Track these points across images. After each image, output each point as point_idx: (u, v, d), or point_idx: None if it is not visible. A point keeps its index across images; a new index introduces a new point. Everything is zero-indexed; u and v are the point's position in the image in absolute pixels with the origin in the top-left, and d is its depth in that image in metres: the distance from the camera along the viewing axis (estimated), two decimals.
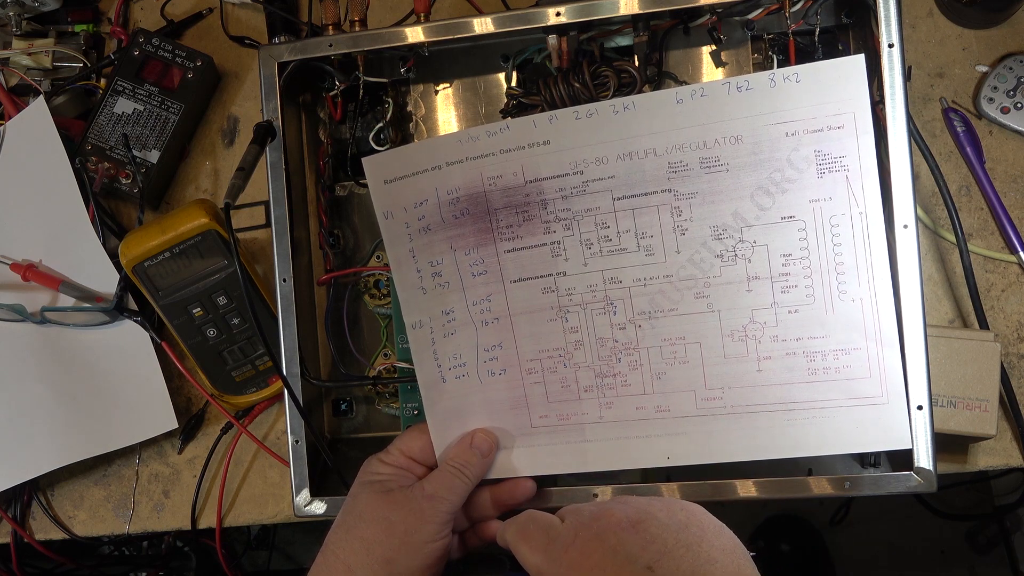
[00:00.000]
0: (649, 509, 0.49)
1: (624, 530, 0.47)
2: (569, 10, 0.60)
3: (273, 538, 1.54)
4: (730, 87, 0.54)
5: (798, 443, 0.56)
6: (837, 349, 0.55)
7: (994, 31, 0.72)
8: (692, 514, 0.49)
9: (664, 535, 0.47)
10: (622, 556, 0.46)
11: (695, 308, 0.57)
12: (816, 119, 0.54)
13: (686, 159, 0.56)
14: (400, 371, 0.69)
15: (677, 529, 0.47)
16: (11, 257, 0.79)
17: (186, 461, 0.79)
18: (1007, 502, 1.36)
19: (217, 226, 0.69)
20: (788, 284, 0.55)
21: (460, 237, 0.60)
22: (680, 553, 0.46)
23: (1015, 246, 0.68)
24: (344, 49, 0.64)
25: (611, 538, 0.47)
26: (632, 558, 0.46)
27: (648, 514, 0.48)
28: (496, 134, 0.58)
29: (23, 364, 0.78)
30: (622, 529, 0.47)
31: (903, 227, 0.55)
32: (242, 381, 0.75)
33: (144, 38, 0.81)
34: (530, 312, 0.59)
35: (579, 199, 0.58)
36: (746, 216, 0.55)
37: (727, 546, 0.47)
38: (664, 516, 0.48)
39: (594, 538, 0.48)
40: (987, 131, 0.71)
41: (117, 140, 0.80)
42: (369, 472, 0.60)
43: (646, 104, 0.56)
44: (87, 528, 0.80)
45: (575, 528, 0.49)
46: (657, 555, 0.46)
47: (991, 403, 0.61)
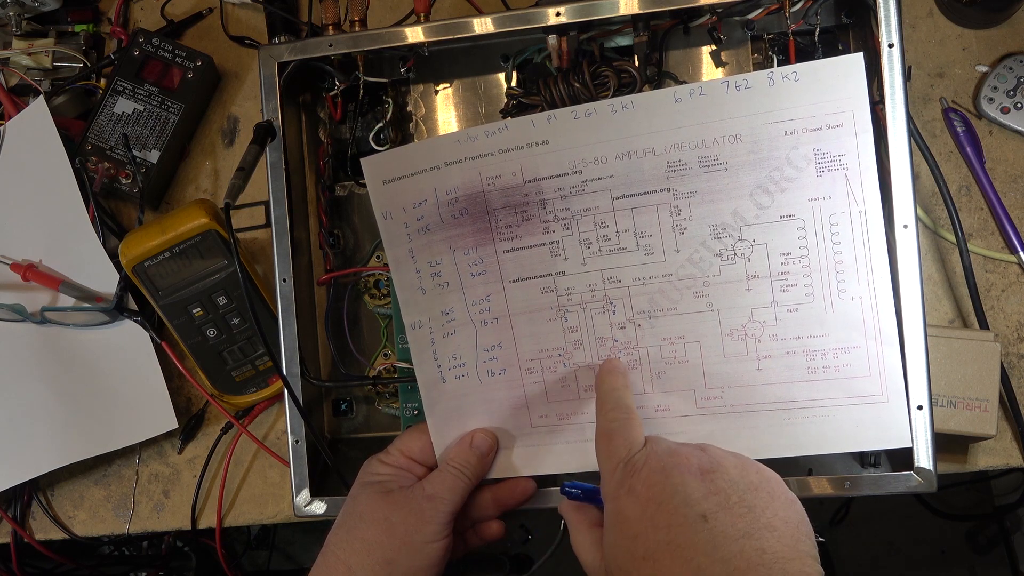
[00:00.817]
0: (723, 462, 0.49)
1: (692, 474, 0.47)
2: (569, 10, 0.60)
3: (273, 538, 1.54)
4: (728, 86, 0.54)
5: (798, 442, 0.56)
6: (837, 348, 0.55)
7: (994, 31, 0.72)
8: (765, 479, 0.49)
9: (729, 490, 0.47)
10: (680, 497, 0.46)
11: (694, 307, 0.57)
12: (815, 118, 0.54)
13: (685, 158, 0.56)
14: (400, 371, 0.69)
15: (745, 489, 0.47)
16: (11, 257, 0.79)
17: (186, 461, 0.79)
18: (1007, 502, 1.36)
19: (217, 226, 0.69)
20: (787, 283, 0.55)
21: (459, 237, 0.60)
22: (740, 512, 0.46)
23: (1015, 246, 0.68)
24: (344, 49, 0.64)
25: (676, 477, 0.47)
26: (690, 502, 0.46)
27: (721, 466, 0.48)
28: (495, 134, 0.58)
29: (23, 364, 0.78)
30: (690, 472, 0.47)
31: (903, 227, 0.55)
32: (242, 381, 0.75)
33: (144, 38, 0.81)
34: (529, 312, 0.59)
35: (578, 198, 0.58)
36: (745, 215, 0.55)
37: (791, 519, 0.47)
38: (735, 473, 0.48)
39: (660, 471, 0.48)
40: (987, 131, 0.71)
41: (117, 140, 0.80)
42: (369, 473, 0.60)
43: (645, 103, 0.56)
44: (87, 528, 0.80)
45: (648, 457, 0.49)
46: (716, 507, 0.46)
47: (991, 403, 0.61)
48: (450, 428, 0.61)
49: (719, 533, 0.44)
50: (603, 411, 0.54)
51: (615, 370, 0.56)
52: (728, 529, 0.45)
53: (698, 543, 0.44)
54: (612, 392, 0.55)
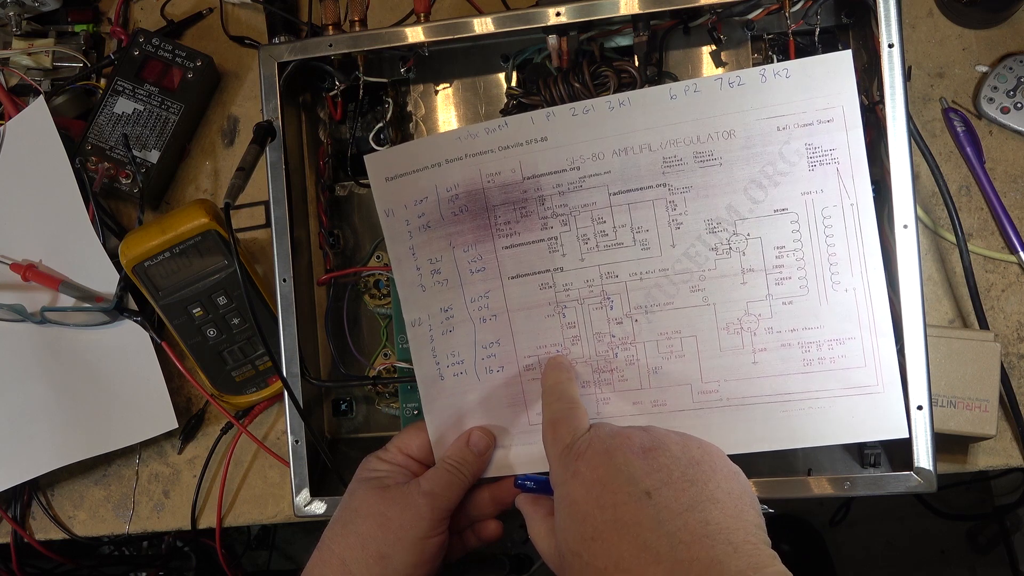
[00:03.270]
0: (665, 440, 0.49)
1: (634, 453, 0.48)
2: (569, 10, 0.60)
3: (273, 538, 1.54)
4: (722, 83, 0.55)
5: (795, 434, 0.56)
6: (832, 339, 0.55)
7: (994, 31, 0.72)
8: (707, 453, 0.50)
9: (671, 466, 0.48)
10: (624, 476, 0.47)
11: (691, 301, 0.57)
12: (806, 113, 0.54)
13: (680, 154, 0.56)
14: (400, 371, 0.69)
15: (687, 464, 0.48)
16: (11, 257, 0.79)
17: (186, 461, 0.79)
18: (1007, 502, 1.36)
19: (217, 226, 0.69)
20: (782, 276, 0.56)
21: (459, 234, 0.60)
22: (683, 486, 0.47)
23: (1015, 246, 0.68)
24: (344, 49, 0.64)
25: (619, 457, 0.48)
26: (633, 480, 0.47)
27: (662, 444, 0.49)
28: (494, 131, 0.58)
29: (23, 364, 0.78)
30: (632, 452, 0.48)
31: (903, 227, 0.55)
32: (242, 381, 0.75)
33: (144, 38, 0.81)
34: (528, 308, 0.60)
35: (576, 195, 0.58)
36: (740, 209, 0.56)
37: (734, 490, 0.48)
38: (677, 449, 0.49)
39: (604, 453, 0.49)
40: (987, 131, 0.71)
41: (117, 140, 0.80)
42: (367, 469, 0.60)
43: (640, 100, 0.56)
44: (87, 528, 0.80)
45: (591, 440, 0.50)
46: (659, 483, 0.47)
47: (991, 403, 0.61)
48: (448, 426, 0.61)
49: (663, 508, 0.45)
50: (548, 402, 0.56)
51: (559, 366, 0.58)
52: (672, 504, 0.46)
53: (643, 519, 0.45)
54: (557, 385, 0.56)
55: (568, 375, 0.57)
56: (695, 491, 0.46)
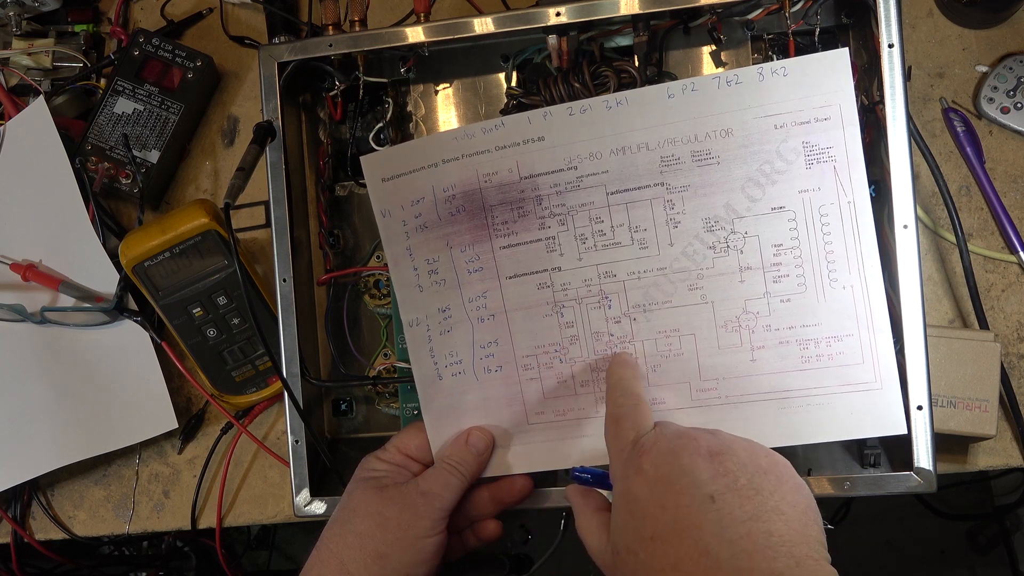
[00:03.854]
0: (733, 445, 0.48)
1: (701, 455, 0.47)
2: (569, 10, 0.60)
3: (273, 538, 1.54)
4: (719, 81, 0.55)
5: (794, 431, 0.56)
6: (829, 336, 0.55)
7: (994, 31, 0.72)
8: (775, 463, 0.49)
9: (738, 472, 0.47)
10: (688, 478, 0.46)
11: (689, 300, 0.57)
12: (803, 111, 0.54)
13: (678, 153, 0.56)
14: (400, 371, 0.69)
15: (754, 472, 0.47)
16: (11, 257, 0.79)
17: (186, 461, 0.79)
18: (1007, 502, 1.36)
19: (217, 226, 0.69)
20: (780, 274, 0.56)
21: (456, 234, 0.60)
22: (748, 495, 0.46)
23: (1015, 246, 0.68)
24: (344, 49, 0.64)
25: (684, 458, 0.47)
26: (698, 483, 0.46)
27: (730, 449, 0.48)
28: (491, 131, 0.58)
29: (23, 364, 0.78)
30: (699, 454, 0.47)
31: (903, 227, 0.55)
32: (242, 381, 0.75)
33: (144, 38, 0.81)
34: (526, 308, 0.60)
35: (573, 194, 0.58)
36: (737, 208, 0.56)
37: (799, 503, 0.47)
38: (744, 455, 0.48)
39: (669, 453, 0.48)
40: (987, 131, 0.71)
41: (117, 140, 0.80)
42: (365, 468, 0.60)
43: (638, 99, 0.56)
44: (87, 528, 0.80)
45: (656, 438, 0.49)
46: (724, 489, 0.46)
47: (991, 403, 0.61)
48: (447, 426, 0.61)
49: (727, 514, 0.44)
50: (612, 398, 0.55)
51: (625, 362, 0.57)
52: (736, 511, 0.45)
53: (705, 524, 0.44)
54: (621, 381, 0.55)
55: (633, 371, 0.56)
56: (760, 500, 0.45)
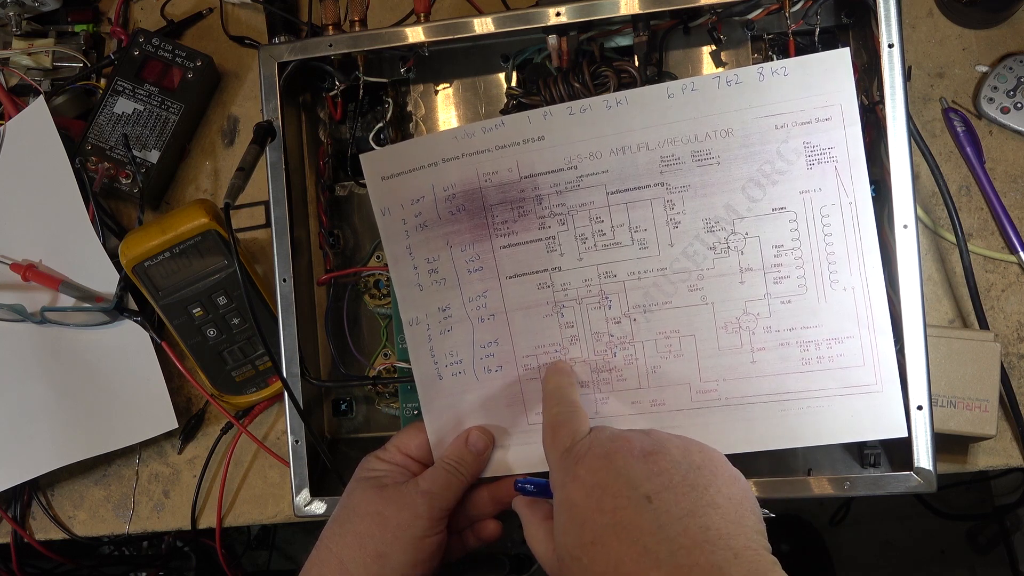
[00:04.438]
0: (666, 444, 0.49)
1: (635, 457, 0.48)
2: (569, 10, 0.60)
3: (273, 538, 1.54)
4: (719, 81, 0.55)
5: (794, 433, 0.56)
6: (830, 338, 0.55)
7: (994, 31, 0.72)
8: (709, 458, 0.49)
9: (672, 471, 0.47)
10: (624, 480, 0.47)
11: (689, 301, 0.57)
12: (804, 111, 0.54)
13: (678, 152, 0.56)
14: (400, 371, 0.69)
15: (688, 468, 0.48)
16: (11, 257, 0.79)
17: (186, 461, 0.79)
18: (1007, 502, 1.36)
19: (217, 226, 0.69)
20: (780, 275, 0.56)
21: (456, 234, 0.60)
22: (683, 491, 0.46)
23: (1015, 246, 0.68)
24: (344, 49, 0.64)
25: (619, 461, 0.48)
26: (633, 484, 0.47)
27: (663, 448, 0.49)
28: (491, 130, 0.58)
29: (23, 364, 0.78)
30: (633, 456, 0.48)
31: (903, 227, 0.55)
32: (242, 381, 0.75)
33: (144, 38, 0.81)
34: (526, 308, 0.59)
35: (573, 194, 0.58)
36: (738, 208, 0.56)
37: (735, 495, 0.47)
38: (678, 453, 0.49)
39: (604, 457, 0.49)
40: (987, 131, 0.71)
41: (117, 140, 0.80)
42: (365, 468, 0.60)
43: (638, 99, 0.56)
44: (87, 528, 0.80)
45: (591, 443, 0.50)
46: (659, 487, 0.46)
47: (991, 403, 0.61)
48: (447, 425, 0.61)
49: (663, 512, 0.45)
50: (548, 406, 0.55)
51: (561, 370, 0.58)
52: (672, 508, 0.45)
53: (643, 524, 0.45)
54: (557, 389, 0.56)
55: (569, 379, 0.57)
56: (696, 496, 0.46)
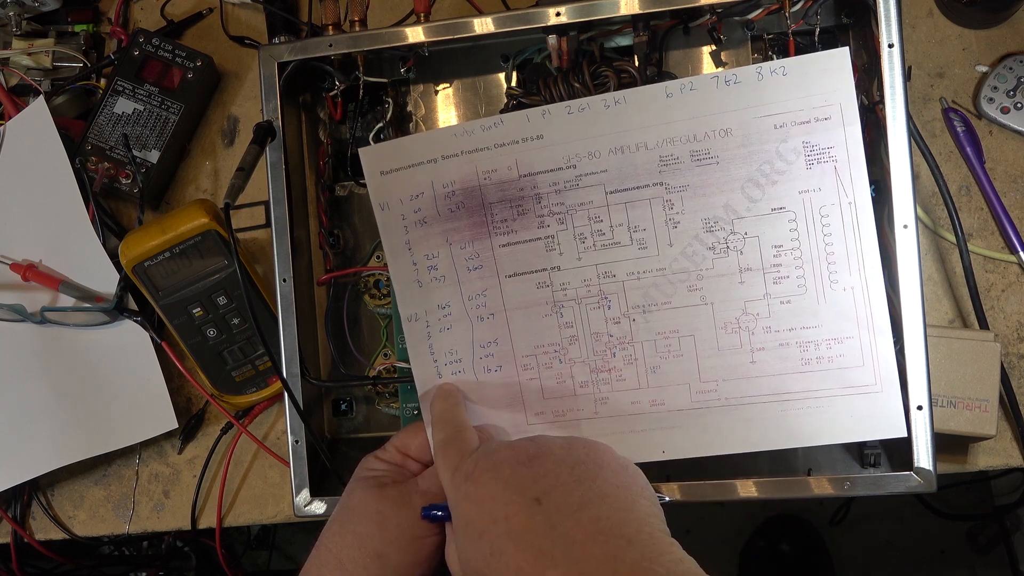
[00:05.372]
0: (550, 446, 0.50)
1: (520, 463, 0.49)
2: (569, 10, 0.60)
3: (273, 538, 1.54)
4: (718, 81, 0.55)
5: (793, 434, 0.56)
6: (830, 338, 0.55)
7: (994, 31, 0.72)
8: (592, 451, 0.50)
9: (558, 470, 0.48)
10: (512, 488, 0.47)
11: (688, 301, 0.57)
12: (803, 111, 0.54)
13: (677, 152, 0.56)
14: (400, 371, 0.69)
15: (572, 465, 0.48)
16: (11, 257, 0.79)
17: (186, 461, 0.79)
18: (1007, 502, 1.36)
19: (217, 226, 0.69)
20: (780, 275, 0.56)
21: (456, 231, 0.60)
22: (570, 487, 0.47)
23: (1015, 246, 0.68)
24: (344, 49, 0.64)
25: (505, 470, 0.49)
26: (522, 490, 0.47)
27: (546, 450, 0.50)
28: (490, 128, 0.58)
29: (23, 364, 0.78)
30: (518, 463, 0.49)
31: (903, 227, 0.55)
32: (242, 381, 0.75)
33: (144, 38, 0.81)
34: (525, 307, 0.59)
35: (572, 193, 0.58)
36: (737, 208, 0.56)
37: (623, 483, 0.48)
38: (561, 452, 0.49)
39: (491, 469, 0.49)
40: (987, 131, 0.71)
41: (117, 140, 0.80)
42: (365, 468, 0.60)
43: (636, 98, 0.56)
44: (87, 528, 0.80)
45: (477, 460, 0.51)
46: (547, 488, 0.47)
47: (991, 403, 0.61)
48: None
49: (554, 511, 0.45)
50: (435, 431, 0.56)
51: (445, 394, 0.59)
52: (562, 506, 0.46)
53: (535, 527, 0.45)
54: (442, 413, 0.57)
55: (454, 401, 0.58)
56: (584, 490, 0.47)
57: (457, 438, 0.54)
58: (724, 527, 1.50)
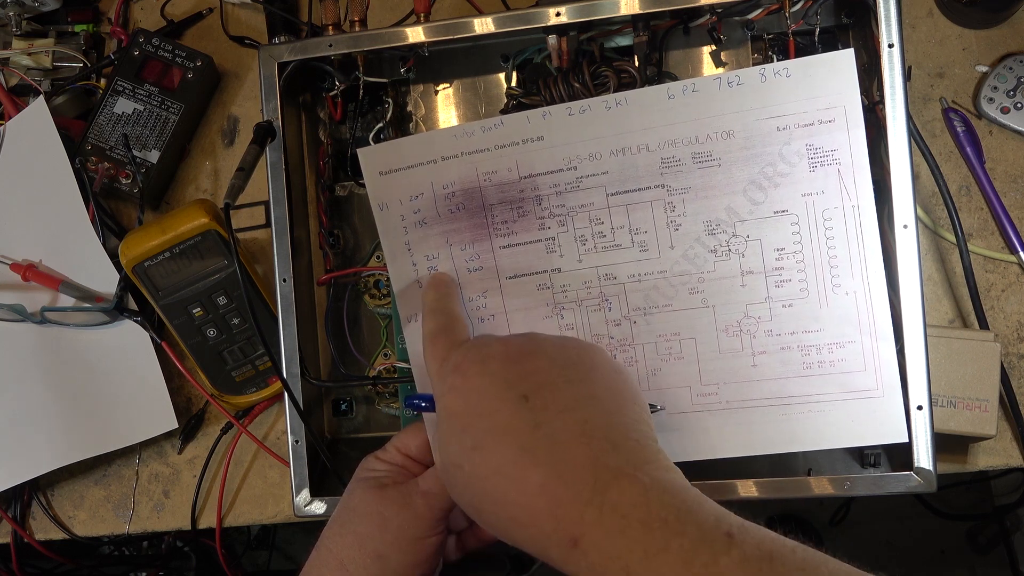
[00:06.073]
0: (542, 344, 0.49)
1: (510, 359, 0.48)
2: (569, 10, 0.60)
3: (273, 538, 1.54)
4: (721, 82, 0.54)
5: (794, 438, 0.56)
6: (832, 343, 0.55)
7: (994, 31, 0.72)
8: (587, 352, 0.49)
9: (548, 369, 0.47)
10: (500, 383, 0.46)
11: (689, 303, 0.57)
12: (807, 113, 0.54)
13: (678, 154, 0.56)
14: (400, 371, 0.69)
15: (564, 365, 0.47)
16: (11, 257, 0.79)
17: (186, 461, 0.79)
18: (1007, 502, 1.36)
19: (217, 226, 0.69)
20: (782, 278, 0.55)
21: (456, 232, 0.60)
22: (559, 387, 0.46)
23: (1015, 246, 0.68)
24: (344, 49, 0.64)
25: (493, 365, 0.48)
26: (510, 385, 0.46)
27: (539, 347, 0.49)
28: (491, 129, 0.58)
29: (23, 364, 0.78)
30: (508, 359, 0.48)
31: (903, 227, 0.55)
32: (242, 381, 0.75)
33: (144, 38, 0.81)
34: (526, 309, 0.59)
35: (573, 195, 0.58)
36: (739, 211, 0.55)
37: (614, 387, 0.47)
38: (554, 351, 0.48)
39: (479, 363, 0.48)
40: (987, 131, 0.71)
41: (117, 140, 0.80)
42: (365, 469, 0.60)
43: (638, 100, 0.56)
44: (87, 528, 0.80)
45: (467, 351, 0.50)
46: (536, 386, 0.46)
47: (991, 403, 0.61)
48: None
49: (540, 410, 0.45)
50: (426, 320, 0.55)
51: (439, 282, 0.57)
52: (549, 405, 0.45)
53: (520, 424, 0.44)
54: (435, 302, 0.56)
55: (447, 291, 0.57)
56: (573, 390, 0.46)
57: (448, 328, 0.53)
58: None
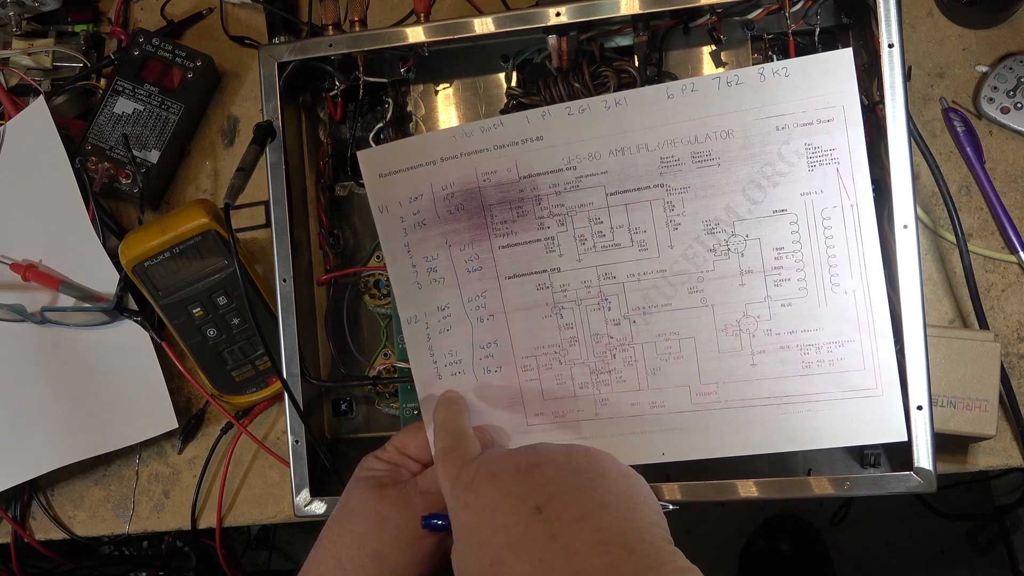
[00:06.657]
0: (550, 454, 0.50)
1: (520, 472, 0.48)
2: (569, 10, 0.60)
3: (273, 538, 1.54)
4: (720, 82, 0.55)
5: (794, 437, 0.56)
6: (831, 342, 0.55)
7: (994, 31, 0.72)
8: (594, 459, 0.49)
9: (558, 479, 0.47)
10: (512, 497, 0.47)
11: (689, 303, 0.57)
12: (806, 112, 0.54)
13: (677, 154, 0.56)
14: (400, 371, 0.69)
15: (573, 473, 0.48)
16: (11, 257, 0.79)
17: (186, 461, 0.79)
18: (1007, 502, 1.36)
19: (217, 226, 0.69)
20: (781, 277, 0.55)
21: (455, 232, 0.60)
22: (571, 496, 0.46)
23: (1015, 246, 0.68)
24: (344, 49, 0.64)
25: (505, 480, 0.48)
26: (522, 499, 0.47)
27: (547, 459, 0.49)
28: (490, 130, 0.58)
29: (23, 364, 0.78)
30: (519, 472, 0.48)
31: (903, 227, 0.55)
32: (242, 381, 0.75)
33: (144, 38, 0.81)
34: (525, 309, 0.59)
35: (572, 194, 0.58)
36: (738, 210, 0.55)
37: (626, 491, 0.48)
38: (562, 460, 0.49)
39: (490, 478, 0.49)
40: (987, 131, 0.71)
41: (117, 140, 0.80)
42: (364, 468, 0.60)
43: (637, 99, 0.56)
44: (87, 528, 0.80)
45: (477, 468, 0.50)
46: (548, 497, 0.46)
47: (991, 403, 0.61)
48: None
49: (555, 521, 0.45)
50: (437, 440, 0.56)
51: (448, 401, 0.59)
52: (563, 515, 0.45)
53: (536, 536, 0.45)
54: (444, 422, 0.57)
55: (456, 408, 0.58)
56: (585, 499, 0.46)
57: (458, 446, 0.54)
58: (724, 527, 1.50)
